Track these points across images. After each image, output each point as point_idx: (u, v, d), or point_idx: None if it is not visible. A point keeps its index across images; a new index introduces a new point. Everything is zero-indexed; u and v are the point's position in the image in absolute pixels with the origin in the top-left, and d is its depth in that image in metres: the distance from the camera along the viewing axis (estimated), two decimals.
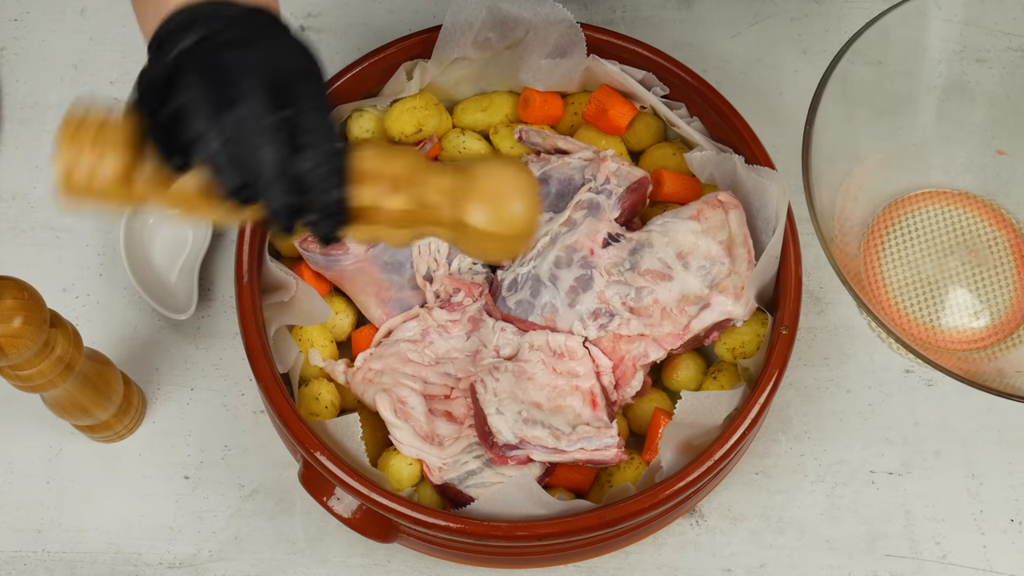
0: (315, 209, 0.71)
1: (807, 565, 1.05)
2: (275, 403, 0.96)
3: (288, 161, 0.70)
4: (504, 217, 0.71)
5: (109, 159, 0.73)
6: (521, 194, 0.71)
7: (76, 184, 0.73)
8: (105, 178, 0.73)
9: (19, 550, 1.05)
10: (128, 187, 0.73)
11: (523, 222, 0.71)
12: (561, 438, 0.97)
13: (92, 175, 0.73)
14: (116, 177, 0.73)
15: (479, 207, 0.70)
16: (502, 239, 0.72)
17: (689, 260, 1.01)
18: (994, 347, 1.10)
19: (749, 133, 1.04)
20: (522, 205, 0.71)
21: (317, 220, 0.72)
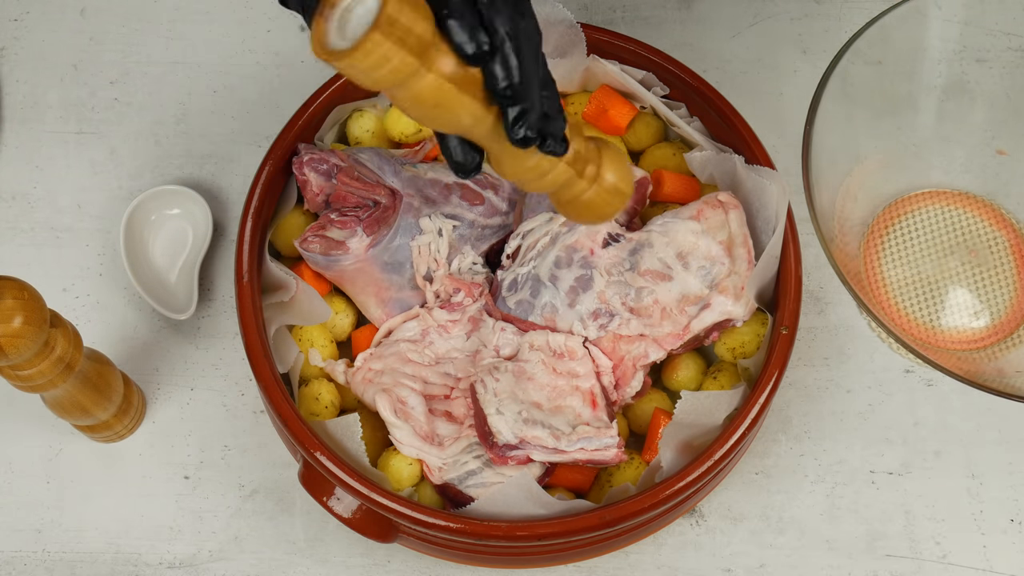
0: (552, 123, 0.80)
1: (807, 565, 1.05)
2: (275, 403, 0.96)
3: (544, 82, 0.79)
4: (625, 179, 0.85)
5: (425, 21, 0.72)
6: (629, 162, 0.87)
7: (398, 21, 0.71)
8: (421, 30, 0.72)
9: (19, 550, 1.05)
10: (425, 54, 0.73)
11: (631, 188, 0.86)
12: (561, 438, 0.97)
13: (411, 27, 0.71)
14: (427, 35, 0.72)
15: (612, 167, 0.84)
16: (617, 197, 0.85)
17: (689, 260, 1.01)
18: (994, 347, 1.10)
19: (749, 133, 1.04)
20: (631, 175, 0.86)
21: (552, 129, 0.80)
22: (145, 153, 1.18)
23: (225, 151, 1.18)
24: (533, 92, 0.78)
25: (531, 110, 0.78)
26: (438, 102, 0.75)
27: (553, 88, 0.80)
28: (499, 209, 1.06)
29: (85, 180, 1.18)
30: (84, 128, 1.19)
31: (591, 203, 0.85)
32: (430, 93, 0.75)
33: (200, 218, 1.14)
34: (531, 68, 0.77)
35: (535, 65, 0.78)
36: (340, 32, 0.72)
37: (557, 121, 0.80)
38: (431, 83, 0.74)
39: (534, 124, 0.78)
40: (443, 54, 0.74)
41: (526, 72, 0.77)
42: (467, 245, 1.05)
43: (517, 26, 0.77)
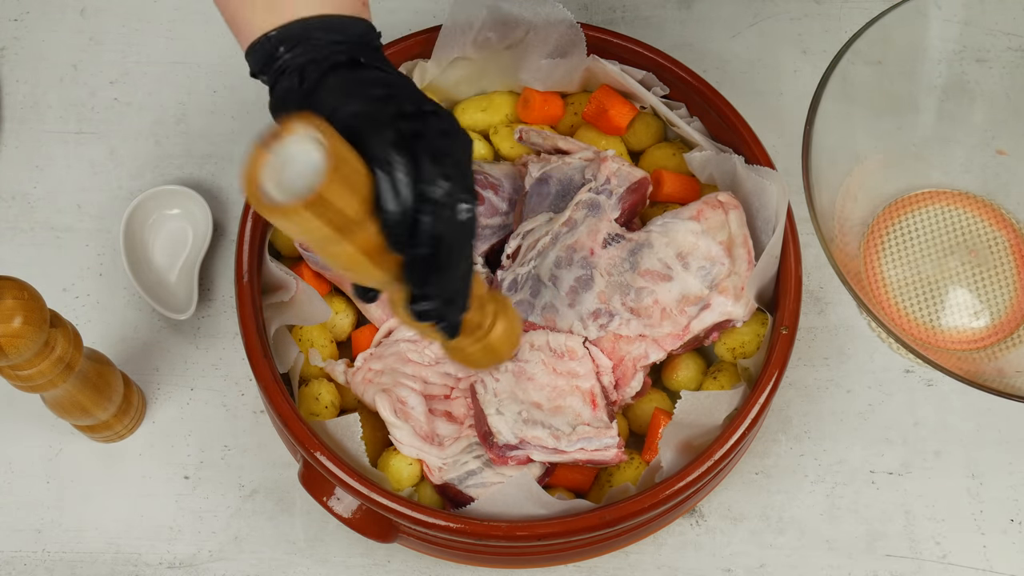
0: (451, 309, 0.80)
1: (807, 565, 1.05)
2: (275, 403, 0.96)
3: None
4: (511, 342, 0.88)
5: (357, 201, 0.72)
6: (520, 330, 0.89)
7: (329, 203, 0.70)
8: (349, 211, 0.71)
9: (19, 550, 1.05)
10: (348, 230, 0.72)
11: (514, 347, 0.89)
12: (561, 438, 0.97)
13: (342, 209, 0.71)
14: (353, 215, 0.72)
15: (501, 328, 0.86)
16: (499, 356, 0.88)
17: (689, 260, 1.01)
18: (994, 347, 1.10)
19: (749, 133, 1.04)
20: (519, 333, 0.89)
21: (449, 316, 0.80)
22: (145, 153, 1.18)
23: (225, 151, 1.18)
24: (444, 283, 0.77)
25: (434, 299, 0.77)
26: (349, 267, 0.76)
27: (468, 278, 0.79)
28: (499, 209, 1.06)
29: (85, 180, 1.18)
30: (84, 128, 1.19)
31: (471, 358, 0.88)
32: (344, 259, 0.75)
33: (200, 218, 1.14)
34: (454, 261, 0.77)
35: (459, 257, 0.77)
36: (276, 175, 0.71)
37: (455, 310, 0.79)
38: (347, 251, 0.74)
39: (433, 312, 0.78)
40: (366, 230, 0.73)
41: (444, 268, 0.76)
42: None
43: (455, 219, 0.75)
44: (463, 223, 0.76)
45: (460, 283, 0.79)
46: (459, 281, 0.78)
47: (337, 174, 0.69)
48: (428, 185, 0.74)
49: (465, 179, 0.76)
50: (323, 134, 0.70)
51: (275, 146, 0.71)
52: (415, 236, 0.74)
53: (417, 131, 0.75)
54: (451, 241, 0.76)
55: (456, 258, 0.77)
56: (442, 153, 0.75)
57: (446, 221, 0.75)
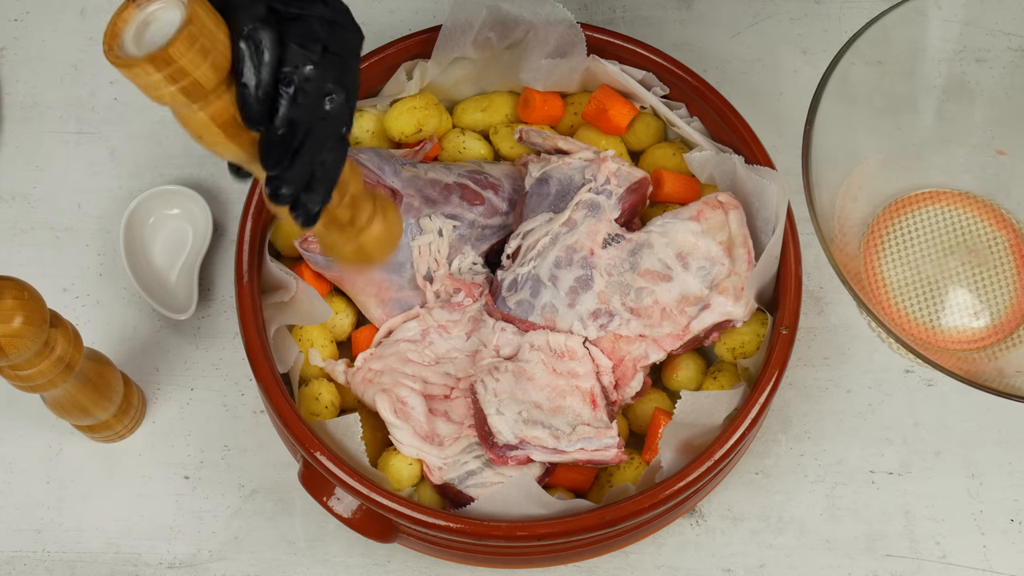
0: (309, 196, 0.78)
1: (807, 565, 1.05)
2: (275, 403, 0.96)
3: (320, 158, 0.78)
4: (385, 244, 0.88)
5: (209, 68, 0.72)
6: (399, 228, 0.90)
7: (174, 62, 0.71)
8: (200, 77, 0.72)
9: (19, 550, 1.05)
10: (201, 96, 0.73)
11: (389, 252, 0.89)
12: (561, 438, 0.97)
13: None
14: (206, 83, 0.72)
15: (376, 229, 0.87)
16: (372, 259, 0.88)
17: (689, 261, 1.01)
18: (994, 347, 1.10)
19: (749, 133, 1.04)
20: (397, 236, 0.89)
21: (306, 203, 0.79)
22: (145, 153, 1.18)
23: None
24: (298, 168, 0.76)
25: (288, 184, 0.77)
26: (202, 137, 0.76)
27: (333, 168, 0.78)
28: (499, 209, 1.06)
29: (85, 180, 1.18)
30: (84, 128, 1.19)
31: (344, 255, 0.88)
32: (195, 127, 0.75)
33: (200, 218, 1.14)
34: (311, 148, 0.76)
35: (318, 146, 0.76)
36: (138, 32, 0.73)
37: (313, 198, 0.78)
38: (199, 118, 0.74)
39: (286, 196, 0.77)
40: (222, 101, 0.74)
41: (301, 151, 0.75)
42: (467, 245, 1.05)
43: (317, 107, 0.75)
44: (328, 113, 0.75)
45: (320, 171, 0.77)
46: (318, 169, 0.77)
47: (188, 33, 0.70)
48: (290, 67, 0.73)
49: (340, 70, 0.75)
50: None
51: (144, 4, 0.73)
52: (270, 117, 0.74)
53: (296, 15, 0.74)
54: (308, 128, 0.75)
55: (314, 145, 0.75)
56: (314, 38, 0.74)
57: (304, 107, 0.74)
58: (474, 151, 1.10)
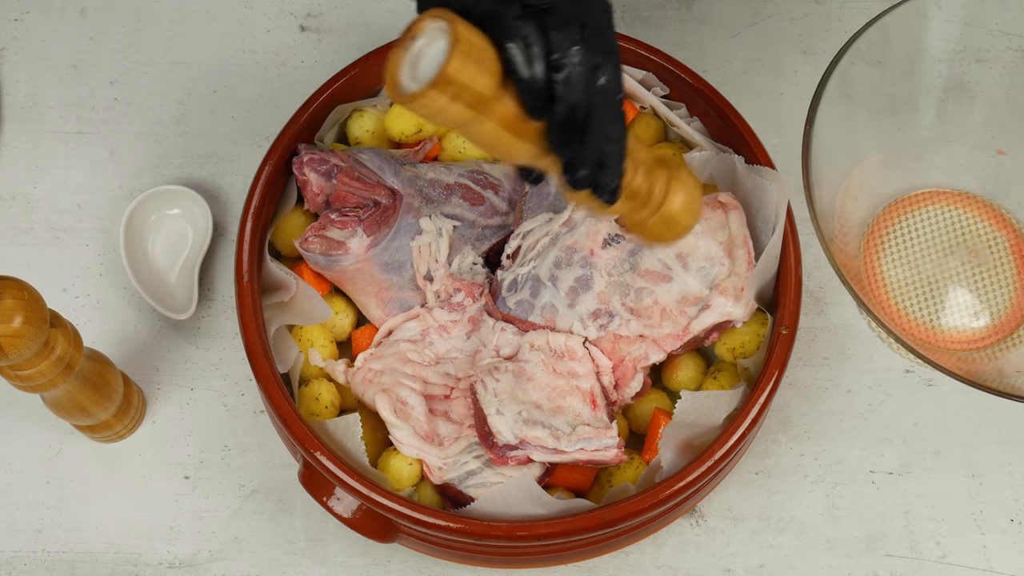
0: (605, 174, 0.81)
1: (807, 565, 1.05)
2: (275, 403, 0.96)
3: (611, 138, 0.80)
4: (686, 211, 0.88)
5: (487, 76, 0.75)
6: (699, 192, 0.89)
7: (455, 80, 0.74)
8: (480, 87, 0.75)
9: (19, 550, 1.05)
10: (484, 106, 0.76)
11: (692, 218, 0.89)
12: (561, 438, 0.97)
13: (470, 84, 0.75)
14: (486, 91, 0.75)
15: (679, 198, 0.87)
16: (674, 228, 0.88)
17: (689, 261, 1.01)
18: (994, 347, 1.10)
19: (749, 133, 1.04)
20: (694, 207, 0.89)
21: (604, 181, 0.81)
22: (145, 153, 1.18)
23: (225, 151, 1.18)
24: (589, 147, 0.78)
25: (583, 164, 0.79)
26: (495, 145, 0.79)
27: (619, 140, 0.80)
28: (499, 209, 1.06)
29: (85, 180, 1.18)
30: (84, 128, 1.19)
31: (651, 230, 0.89)
32: (487, 137, 0.78)
33: (200, 218, 1.14)
34: (595, 124, 0.78)
35: (601, 120, 0.78)
36: (412, 70, 0.76)
37: (610, 174, 0.80)
38: (489, 129, 0.77)
39: (585, 178, 0.80)
40: (504, 104, 0.77)
41: (587, 130, 0.78)
42: (467, 245, 1.05)
43: (591, 83, 0.77)
44: (602, 86, 0.77)
45: (610, 147, 0.79)
46: (607, 145, 0.79)
47: (459, 51, 0.73)
48: (558, 54, 0.75)
49: (601, 42, 0.77)
50: (448, 22, 0.74)
51: (409, 44, 0.76)
52: (552, 104, 0.76)
53: (546, 5, 0.76)
54: (589, 105, 0.77)
55: (599, 123, 0.78)
56: (571, 21, 0.76)
57: (579, 87, 0.76)
58: (474, 151, 1.10)
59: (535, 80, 0.76)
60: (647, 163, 0.85)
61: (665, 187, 0.86)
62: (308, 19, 1.24)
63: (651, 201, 0.86)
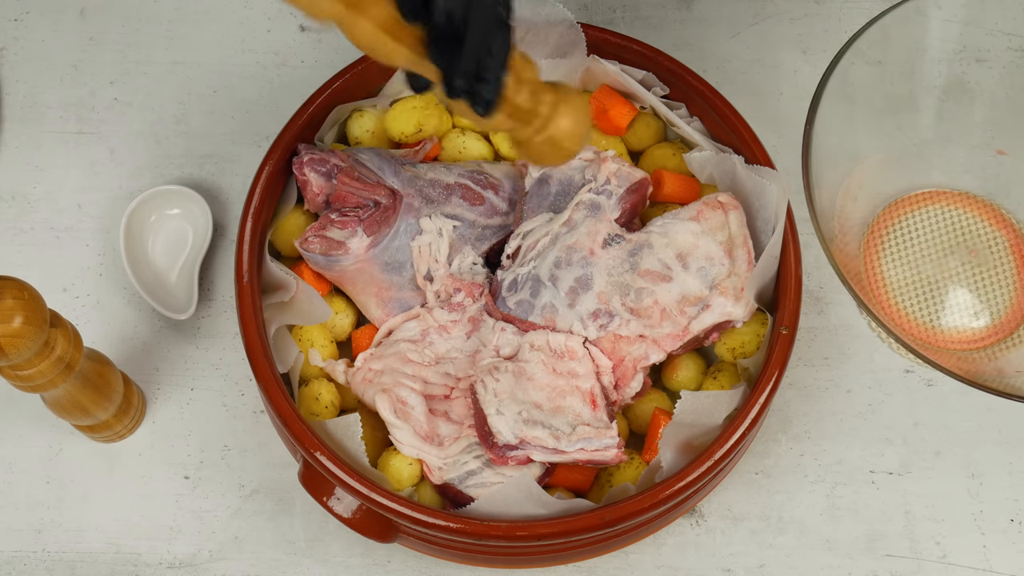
0: (482, 85, 0.81)
1: (807, 565, 1.05)
2: (275, 403, 0.96)
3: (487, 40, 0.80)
4: (571, 136, 0.87)
5: None
6: (588, 118, 0.88)
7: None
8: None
9: (19, 550, 1.05)
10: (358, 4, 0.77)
11: (577, 143, 0.88)
12: (561, 438, 0.97)
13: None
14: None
15: (565, 121, 0.86)
16: (564, 150, 0.88)
17: (689, 261, 1.01)
18: (994, 347, 1.10)
19: (749, 133, 1.04)
20: (586, 127, 0.88)
21: (480, 92, 0.81)
22: (145, 153, 1.18)
23: (225, 151, 1.18)
24: (465, 57, 0.79)
25: (460, 74, 0.79)
26: (372, 46, 0.79)
27: (499, 53, 0.80)
28: (499, 209, 1.06)
29: (85, 180, 1.18)
30: (84, 128, 1.19)
31: (535, 151, 0.88)
32: (364, 38, 0.78)
33: (200, 218, 1.14)
34: (472, 35, 0.78)
35: (480, 32, 0.78)
36: None
37: (487, 87, 0.80)
38: (365, 29, 0.78)
39: (461, 88, 0.80)
40: (380, 4, 0.77)
41: (464, 40, 0.78)
42: (467, 245, 1.05)
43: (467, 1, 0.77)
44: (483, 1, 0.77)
45: (488, 59, 0.79)
46: (485, 56, 0.79)
47: None
48: None
49: None
50: None
51: None
52: (428, 9, 0.77)
53: None
54: (465, 15, 0.77)
55: (476, 34, 0.78)
56: None
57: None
58: (474, 151, 1.10)
59: None
60: (533, 81, 0.85)
61: (551, 108, 0.86)
62: (308, 19, 1.24)
63: (535, 120, 0.86)
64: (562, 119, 0.86)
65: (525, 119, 0.85)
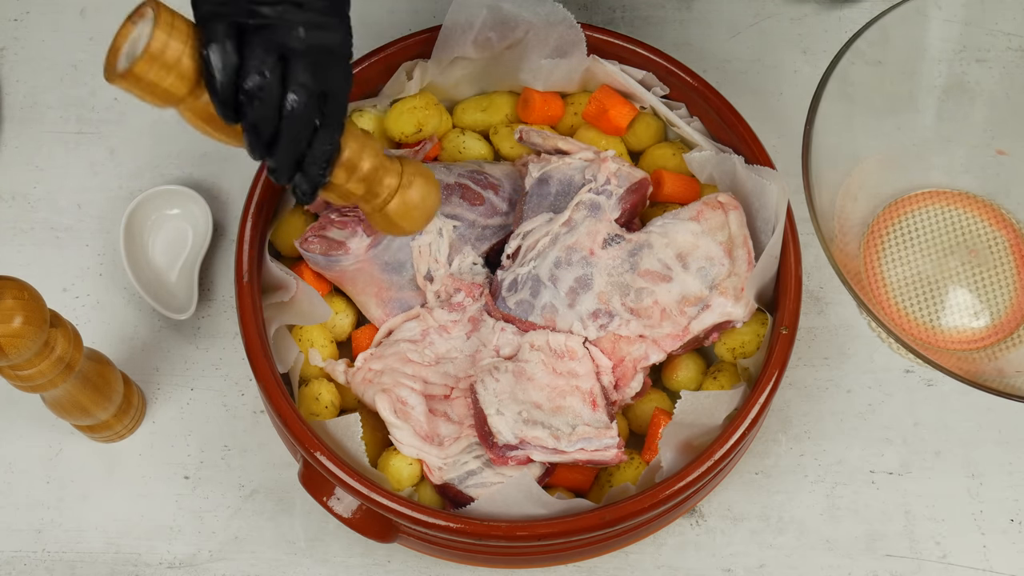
0: (301, 183, 0.86)
1: (807, 565, 1.05)
2: (275, 403, 0.96)
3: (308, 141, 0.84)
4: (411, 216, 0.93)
5: (188, 57, 0.80)
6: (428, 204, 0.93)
7: (159, 58, 0.78)
8: (168, 86, 0.80)
9: (19, 550, 1.05)
10: (176, 102, 0.81)
11: (420, 222, 0.94)
12: (561, 438, 0.97)
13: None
14: (175, 91, 0.80)
15: (396, 206, 0.92)
16: (399, 228, 0.93)
17: (689, 261, 1.01)
18: (994, 347, 1.10)
19: (749, 133, 1.04)
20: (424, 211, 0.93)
21: (299, 185, 0.86)
22: (145, 153, 1.18)
23: (225, 151, 1.18)
24: (281, 156, 0.83)
25: (275, 170, 0.84)
26: (196, 128, 0.84)
27: (319, 156, 0.84)
28: (499, 209, 1.06)
29: (85, 180, 1.18)
30: (84, 128, 1.19)
31: (376, 222, 0.93)
32: (190, 123, 0.83)
33: (200, 218, 1.14)
34: (285, 141, 0.82)
35: (294, 139, 0.82)
36: (130, 50, 0.80)
37: (307, 179, 0.85)
38: (186, 116, 0.83)
39: (279, 179, 0.85)
40: (200, 101, 0.81)
41: (276, 146, 0.83)
42: (467, 245, 1.05)
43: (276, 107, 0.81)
44: (290, 113, 0.81)
45: (309, 157, 0.84)
46: (307, 155, 0.84)
47: (147, 57, 0.78)
48: (246, 77, 0.80)
49: (306, 72, 0.81)
50: (157, 13, 0.79)
51: (138, 20, 0.81)
52: (244, 110, 0.81)
53: (262, 24, 0.80)
54: (275, 127, 0.82)
55: (286, 142, 0.82)
56: (272, 47, 0.80)
57: (263, 111, 0.81)
58: (474, 151, 1.10)
59: (220, 95, 0.80)
60: (368, 172, 0.89)
61: (391, 192, 0.91)
62: None
63: (373, 200, 0.91)
64: (398, 199, 0.91)
65: (362, 200, 0.91)
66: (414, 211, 0.92)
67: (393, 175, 0.91)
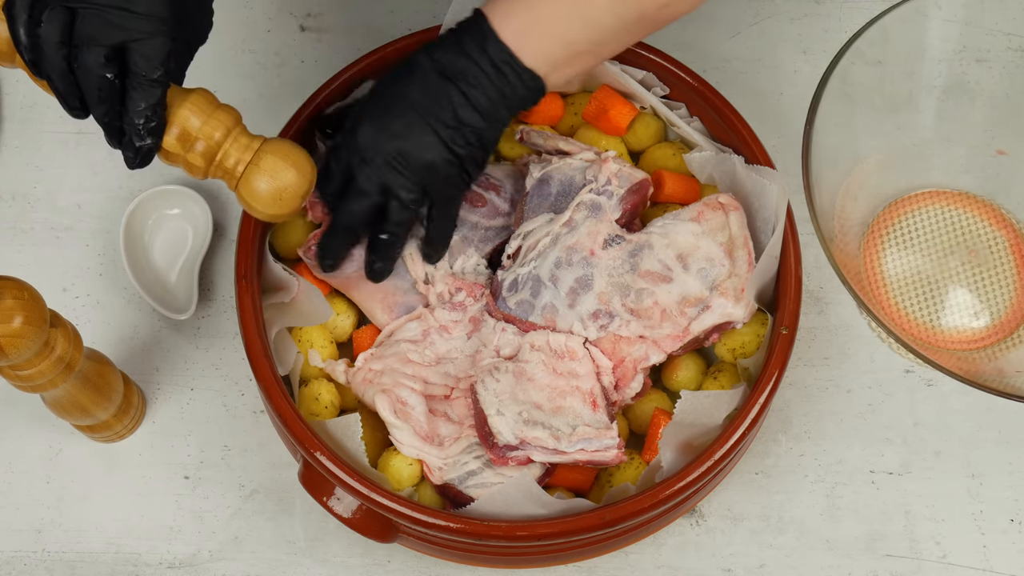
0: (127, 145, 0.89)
1: (807, 565, 1.05)
2: (275, 403, 0.96)
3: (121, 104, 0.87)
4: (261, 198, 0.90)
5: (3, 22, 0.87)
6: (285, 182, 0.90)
7: None
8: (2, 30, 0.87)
9: (19, 550, 1.05)
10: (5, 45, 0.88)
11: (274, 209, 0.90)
12: (561, 439, 0.97)
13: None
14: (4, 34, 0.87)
15: (250, 185, 0.89)
16: (256, 210, 0.90)
17: (689, 262, 1.01)
18: (994, 347, 1.10)
19: (749, 133, 1.04)
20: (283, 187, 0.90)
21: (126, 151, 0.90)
22: None
23: None
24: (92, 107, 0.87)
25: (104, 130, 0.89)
26: None
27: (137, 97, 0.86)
28: (501, 210, 1.06)
29: (85, 180, 1.17)
30: (84, 128, 1.19)
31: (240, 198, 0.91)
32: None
33: (200, 218, 1.14)
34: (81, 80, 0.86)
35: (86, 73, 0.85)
36: None
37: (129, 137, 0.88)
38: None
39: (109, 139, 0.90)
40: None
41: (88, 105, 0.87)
42: (471, 247, 1.05)
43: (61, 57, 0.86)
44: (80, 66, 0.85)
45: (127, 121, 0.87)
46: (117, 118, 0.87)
47: None
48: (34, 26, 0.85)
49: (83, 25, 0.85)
50: None
51: None
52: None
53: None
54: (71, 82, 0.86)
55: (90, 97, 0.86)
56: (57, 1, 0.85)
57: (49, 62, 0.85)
58: None
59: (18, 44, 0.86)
60: (211, 143, 0.88)
61: (239, 166, 0.89)
62: (308, 19, 1.24)
63: (227, 176, 0.90)
64: (248, 178, 0.89)
65: (216, 173, 0.90)
66: (261, 191, 0.89)
67: (244, 150, 0.89)
